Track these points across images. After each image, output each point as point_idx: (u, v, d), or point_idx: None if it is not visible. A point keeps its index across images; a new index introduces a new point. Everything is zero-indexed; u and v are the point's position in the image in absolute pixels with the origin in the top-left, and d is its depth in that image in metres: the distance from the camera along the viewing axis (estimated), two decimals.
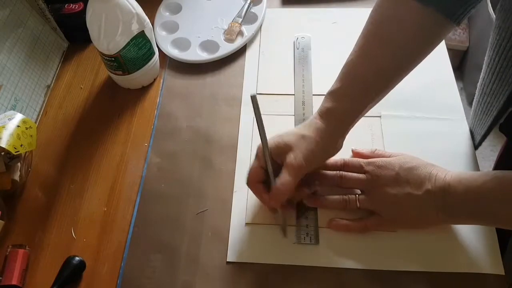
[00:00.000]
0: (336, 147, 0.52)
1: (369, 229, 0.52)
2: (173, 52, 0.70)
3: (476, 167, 0.56)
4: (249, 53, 0.71)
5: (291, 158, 0.48)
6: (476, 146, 0.60)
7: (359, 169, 0.53)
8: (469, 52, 1.55)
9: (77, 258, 0.52)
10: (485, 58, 0.55)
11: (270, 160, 0.49)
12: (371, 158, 0.54)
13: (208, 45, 0.71)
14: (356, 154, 0.57)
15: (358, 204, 0.52)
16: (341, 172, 0.54)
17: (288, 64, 0.69)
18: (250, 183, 0.51)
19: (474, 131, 0.61)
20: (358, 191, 0.53)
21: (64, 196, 0.58)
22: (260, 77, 0.68)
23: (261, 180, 0.50)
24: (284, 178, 0.48)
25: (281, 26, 0.74)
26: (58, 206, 0.57)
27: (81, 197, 0.58)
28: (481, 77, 0.58)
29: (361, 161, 0.53)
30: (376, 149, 0.56)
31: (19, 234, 0.55)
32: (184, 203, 0.56)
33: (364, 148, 0.57)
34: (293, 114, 0.63)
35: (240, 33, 0.72)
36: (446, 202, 0.47)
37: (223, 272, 0.51)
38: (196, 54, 0.70)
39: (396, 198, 0.49)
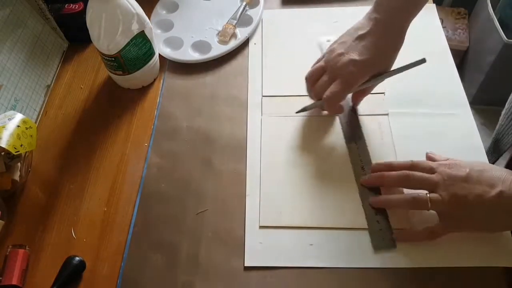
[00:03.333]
0: (395, 44, 0.54)
1: (437, 236, 0.49)
2: (165, 50, 0.70)
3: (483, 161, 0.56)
4: (250, 53, 0.71)
5: (346, 71, 0.54)
6: (500, 154, 0.58)
7: (428, 170, 0.51)
8: (469, 52, 1.54)
9: (77, 258, 0.52)
10: None
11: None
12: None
13: (200, 46, 0.71)
14: (429, 158, 0.55)
15: (429, 205, 0.49)
16: (408, 171, 0.51)
17: (292, 65, 0.68)
18: (335, 104, 0.56)
19: (500, 139, 0.59)
20: (425, 192, 0.50)
21: (64, 196, 0.58)
22: (265, 78, 0.67)
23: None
24: (335, 88, 0.54)
25: (281, 27, 0.74)
26: (58, 206, 0.57)
27: (81, 197, 0.58)
28: None
29: (430, 162, 0.52)
30: (448, 159, 0.53)
31: (19, 234, 0.55)
32: (184, 203, 0.56)
33: (437, 155, 0.55)
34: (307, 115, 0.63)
35: (234, 35, 0.71)
36: None
37: (223, 272, 0.51)
38: (188, 54, 0.70)
39: (466, 199, 0.47)
